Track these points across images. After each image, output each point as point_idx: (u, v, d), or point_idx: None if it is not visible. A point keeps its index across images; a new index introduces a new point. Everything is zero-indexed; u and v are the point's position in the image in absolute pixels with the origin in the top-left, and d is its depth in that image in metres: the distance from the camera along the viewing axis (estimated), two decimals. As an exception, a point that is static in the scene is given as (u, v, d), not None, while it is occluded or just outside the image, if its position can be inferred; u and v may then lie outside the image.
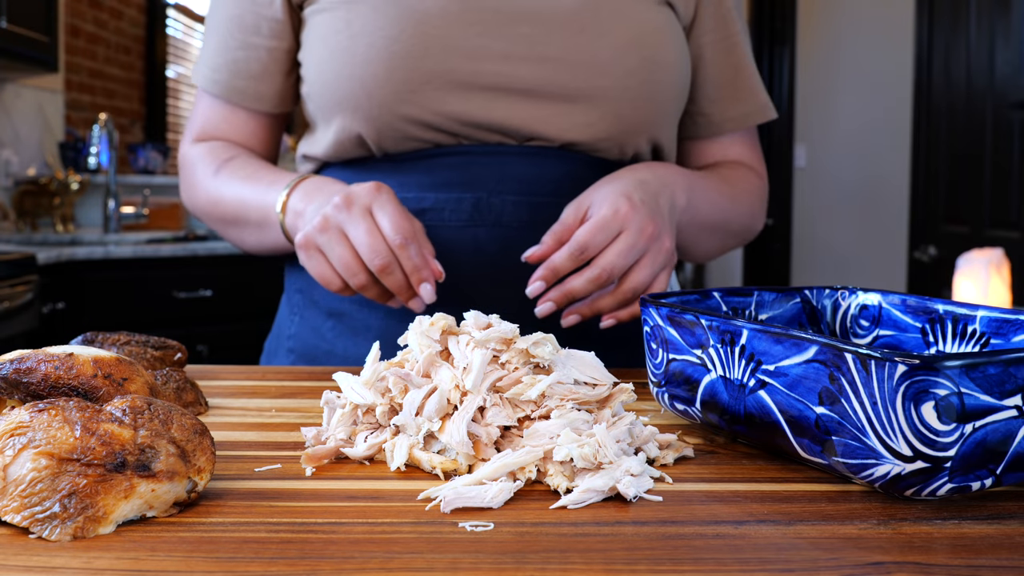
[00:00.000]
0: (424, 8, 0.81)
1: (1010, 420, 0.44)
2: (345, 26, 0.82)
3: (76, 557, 0.39)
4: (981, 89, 3.16)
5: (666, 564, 0.39)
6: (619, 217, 0.74)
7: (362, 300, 0.88)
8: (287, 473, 0.51)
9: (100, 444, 0.42)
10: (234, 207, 0.89)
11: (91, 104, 4.03)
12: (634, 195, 0.76)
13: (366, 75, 0.81)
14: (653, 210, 0.76)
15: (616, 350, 0.93)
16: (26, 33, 2.78)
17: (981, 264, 2.12)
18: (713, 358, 0.55)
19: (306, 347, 0.92)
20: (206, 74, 0.94)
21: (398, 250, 0.72)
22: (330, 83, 0.83)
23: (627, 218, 0.74)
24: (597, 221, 0.74)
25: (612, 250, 0.74)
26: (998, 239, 2.98)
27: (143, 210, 3.36)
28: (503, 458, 0.48)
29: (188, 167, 0.96)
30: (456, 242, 0.84)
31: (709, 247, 0.94)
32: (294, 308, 0.96)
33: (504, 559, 0.39)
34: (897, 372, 0.43)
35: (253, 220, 0.87)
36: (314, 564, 0.38)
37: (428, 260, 0.73)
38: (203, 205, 0.94)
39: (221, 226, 0.94)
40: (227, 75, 0.93)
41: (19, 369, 0.50)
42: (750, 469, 0.53)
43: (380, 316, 0.87)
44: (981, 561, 0.39)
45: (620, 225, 0.74)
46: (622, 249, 0.74)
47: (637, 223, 0.74)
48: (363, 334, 0.88)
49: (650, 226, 0.75)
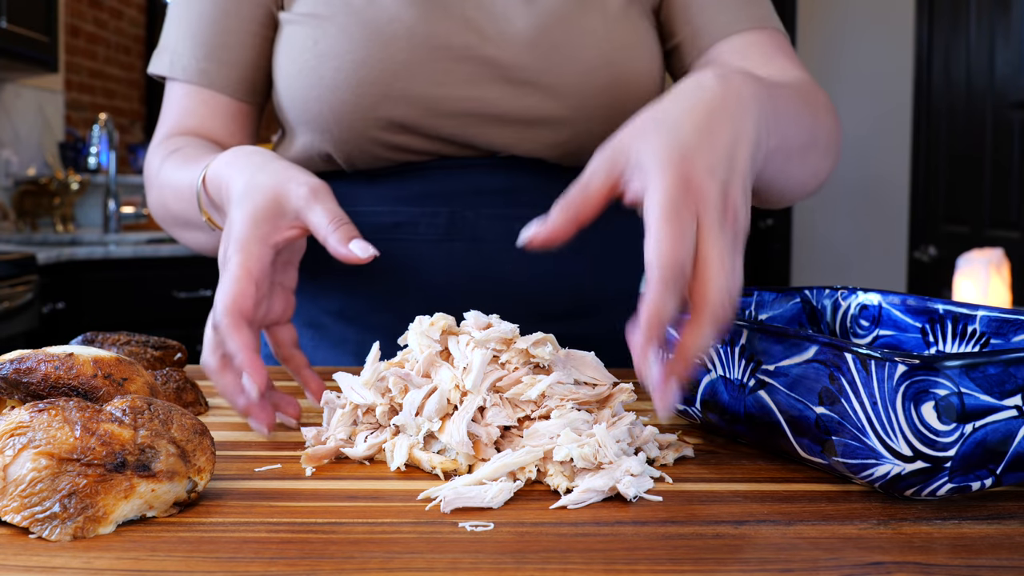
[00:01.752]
0: (392, 31, 0.78)
1: (1010, 420, 0.44)
2: (312, 44, 0.80)
3: (76, 557, 0.39)
4: (981, 89, 3.16)
5: (666, 564, 0.39)
6: (690, 197, 0.49)
7: (340, 313, 0.87)
8: (287, 473, 0.51)
9: (100, 444, 0.42)
10: (173, 201, 0.78)
11: (91, 104, 4.03)
12: (698, 152, 0.50)
13: (334, 100, 0.79)
14: (729, 167, 0.51)
15: (615, 350, 0.93)
16: (26, 33, 2.78)
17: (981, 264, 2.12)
18: (713, 358, 0.55)
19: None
20: (176, 61, 0.85)
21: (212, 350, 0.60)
22: (297, 101, 0.81)
23: (700, 194, 0.49)
24: (665, 216, 0.48)
25: (712, 271, 0.48)
26: (998, 239, 2.98)
27: (143, 210, 3.36)
28: (503, 458, 0.48)
29: (144, 174, 0.86)
30: (431, 257, 0.83)
31: (801, 179, 0.73)
32: None
33: (504, 559, 0.39)
34: (897, 372, 0.43)
35: (186, 208, 0.75)
36: (314, 564, 0.38)
37: (252, 366, 0.57)
38: (155, 210, 0.84)
39: (174, 229, 0.83)
40: (203, 60, 0.85)
41: (19, 369, 0.50)
42: (750, 469, 0.53)
43: (357, 330, 0.86)
44: (981, 561, 0.39)
45: (694, 212, 0.49)
46: (722, 260, 0.48)
47: (715, 202, 0.49)
48: (341, 346, 0.87)
49: (733, 197, 0.51)
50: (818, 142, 0.72)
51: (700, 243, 0.48)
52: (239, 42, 0.85)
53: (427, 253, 0.83)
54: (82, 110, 3.94)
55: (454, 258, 0.83)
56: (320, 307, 0.88)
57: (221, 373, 0.58)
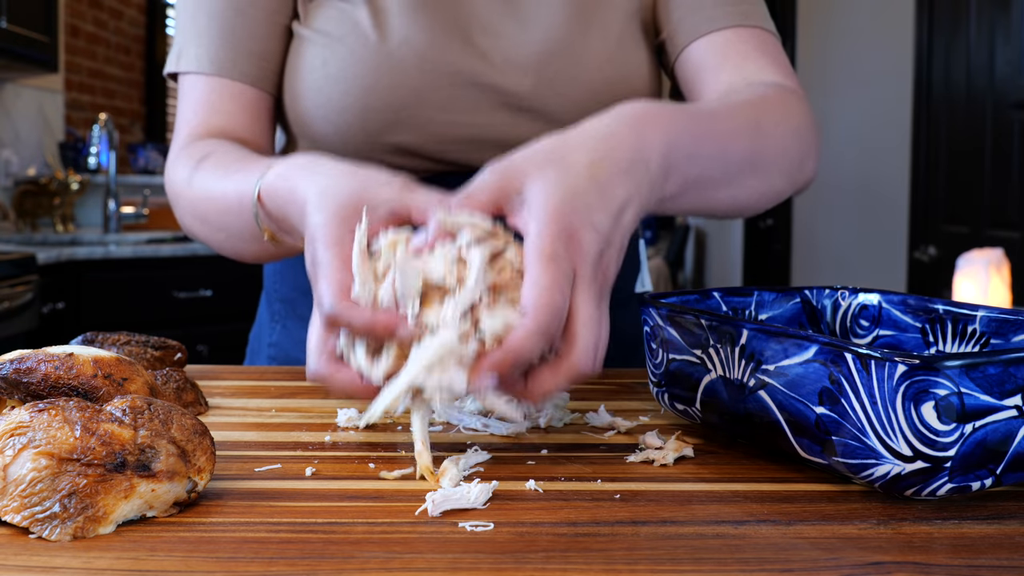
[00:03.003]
0: (401, 56, 0.78)
1: (1010, 420, 0.44)
2: (321, 64, 0.79)
3: (76, 557, 0.39)
4: (981, 89, 3.16)
5: (666, 564, 0.39)
6: (571, 248, 0.50)
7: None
8: (287, 473, 0.51)
9: (100, 444, 0.42)
10: (216, 215, 0.73)
11: (91, 104, 4.03)
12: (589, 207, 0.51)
13: (340, 122, 0.78)
14: (613, 227, 0.52)
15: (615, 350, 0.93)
16: (26, 33, 2.78)
17: (981, 264, 2.12)
18: (713, 358, 0.55)
19: (288, 358, 0.91)
20: (201, 55, 0.80)
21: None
22: (303, 118, 0.81)
23: (580, 249, 0.50)
24: (546, 263, 0.48)
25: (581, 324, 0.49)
26: (998, 239, 2.98)
27: (143, 210, 3.36)
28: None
29: (168, 183, 0.80)
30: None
31: (741, 201, 0.71)
32: (275, 316, 0.93)
33: (504, 559, 0.39)
34: (897, 372, 0.43)
35: (245, 235, 0.71)
36: (314, 564, 0.38)
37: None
38: (189, 223, 0.79)
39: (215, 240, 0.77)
40: (232, 50, 0.80)
41: (19, 369, 0.50)
42: (750, 469, 0.53)
43: None
44: (981, 561, 0.39)
45: (572, 263, 0.49)
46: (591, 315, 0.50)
47: (592, 258, 0.51)
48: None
49: (609, 257, 0.53)
50: (760, 164, 0.69)
51: (573, 295, 0.49)
52: (266, 32, 0.82)
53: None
54: (82, 110, 3.94)
55: None
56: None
57: (337, 371, 0.52)
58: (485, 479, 0.49)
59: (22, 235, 3.09)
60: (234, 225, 0.71)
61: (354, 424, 0.61)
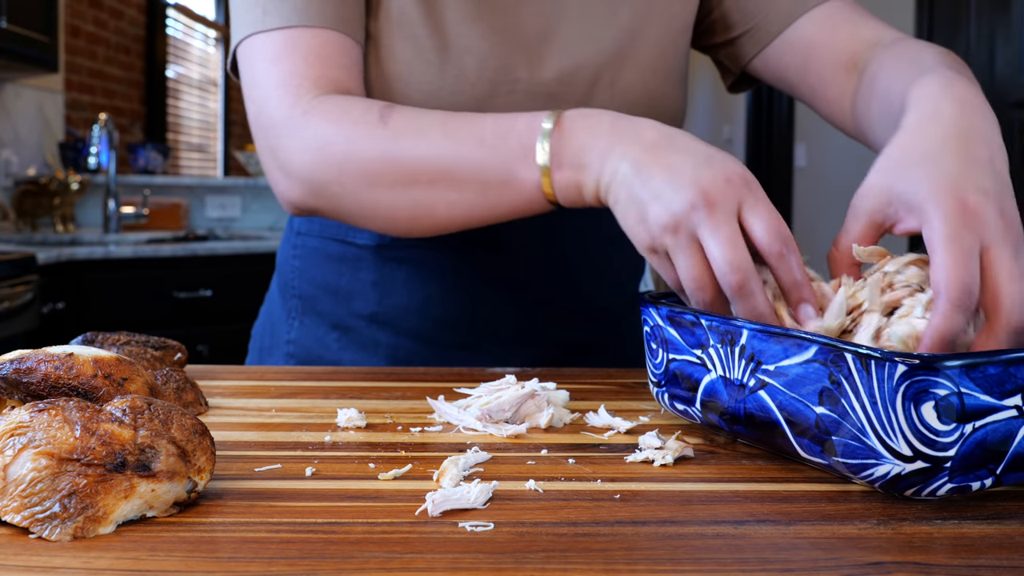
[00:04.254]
0: (463, 64, 0.78)
1: (1010, 420, 0.44)
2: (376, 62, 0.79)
3: (76, 557, 0.39)
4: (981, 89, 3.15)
5: (666, 564, 0.39)
6: (970, 220, 0.52)
7: (371, 316, 0.87)
8: (287, 473, 0.51)
9: (100, 444, 0.42)
10: (433, 165, 0.67)
11: (91, 104, 4.03)
12: (966, 178, 0.54)
13: None
14: (996, 182, 0.55)
15: (615, 350, 0.93)
16: (26, 33, 2.78)
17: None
18: (713, 358, 0.55)
19: (309, 355, 0.91)
20: (304, 7, 0.73)
21: (776, 260, 0.56)
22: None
23: (979, 217, 0.52)
24: (947, 243, 0.51)
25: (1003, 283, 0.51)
26: (998, 239, 2.97)
27: (143, 210, 3.36)
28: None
29: (325, 144, 0.70)
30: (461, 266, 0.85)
31: None
32: (292, 312, 0.93)
33: (504, 559, 0.39)
34: (897, 372, 0.43)
35: (469, 179, 0.67)
36: (314, 564, 0.38)
37: (806, 277, 0.58)
38: (373, 164, 0.69)
39: (399, 189, 0.70)
40: (333, 6, 0.74)
41: (19, 369, 0.50)
42: (750, 469, 0.53)
43: (390, 333, 0.87)
44: (981, 561, 0.39)
45: (977, 235, 0.52)
46: (1011, 272, 0.51)
47: (993, 220, 0.52)
48: (371, 349, 0.87)
49: (1008, 209, 0.54)
50: None
51: (988, 261, 0.51)
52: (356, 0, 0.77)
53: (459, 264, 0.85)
54: (82, 110, 3.94)
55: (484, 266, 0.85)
56: (350, 310, 0.88)
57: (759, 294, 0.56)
58: (485, 479, 0.49)
59: (22, 235, 3.09)
60: (478, 169, 0.67)
61: (355, 424, 0.61)
